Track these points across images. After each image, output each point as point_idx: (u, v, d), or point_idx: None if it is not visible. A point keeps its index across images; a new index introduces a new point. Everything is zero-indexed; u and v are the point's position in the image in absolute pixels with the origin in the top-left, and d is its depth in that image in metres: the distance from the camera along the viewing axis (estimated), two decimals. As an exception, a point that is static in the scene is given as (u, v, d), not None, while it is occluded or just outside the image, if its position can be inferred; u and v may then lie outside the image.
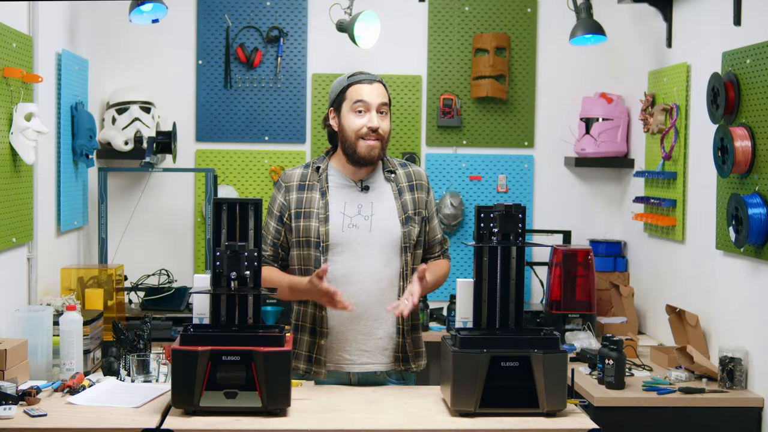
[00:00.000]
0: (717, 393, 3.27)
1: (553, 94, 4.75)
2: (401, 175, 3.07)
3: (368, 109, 2.96)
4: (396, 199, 3.02)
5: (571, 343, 3.89)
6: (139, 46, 4.60)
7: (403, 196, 3.03)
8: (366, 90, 2.97)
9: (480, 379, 2.59)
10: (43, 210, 3.65)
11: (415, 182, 3.07)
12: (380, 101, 2.97)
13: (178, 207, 4.66)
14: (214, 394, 2.53)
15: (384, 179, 3.04)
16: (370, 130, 2.95)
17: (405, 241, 2.98)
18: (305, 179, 3.02)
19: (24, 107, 3.21)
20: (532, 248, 4.67)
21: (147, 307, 4.24)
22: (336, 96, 3.01)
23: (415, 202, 3.04)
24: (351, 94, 2.98)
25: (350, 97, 2.97)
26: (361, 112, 2.96)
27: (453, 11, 4.69)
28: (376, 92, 2.97)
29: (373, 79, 3.00)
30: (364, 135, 2.95)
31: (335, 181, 3.02)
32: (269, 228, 3.01)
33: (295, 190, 3.00)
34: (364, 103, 2.95)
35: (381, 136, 2.97)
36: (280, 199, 3.01)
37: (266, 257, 2.99)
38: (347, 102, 2.98)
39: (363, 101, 2.95)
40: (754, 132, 3.23)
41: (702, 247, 3.72)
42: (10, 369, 2.81)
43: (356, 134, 2.95)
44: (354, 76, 3.01)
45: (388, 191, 3.03)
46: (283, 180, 3.04)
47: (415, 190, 3.06)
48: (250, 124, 4.66)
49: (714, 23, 3.66)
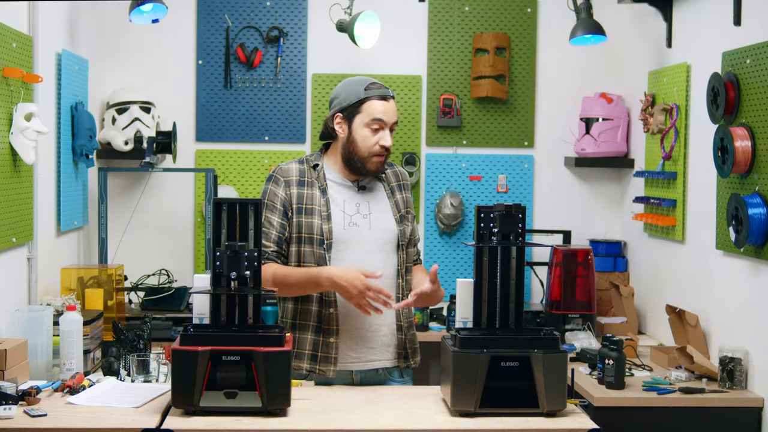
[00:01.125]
0: (717, 393, 3.27)
1: (553, 94, 4.75)
2: (390, 175, 3.11)
3: (383, 128, 2.96)
4: (389, 199, 3.06)
5: (571, 343, 3.89)
6: (139, 46, 4.60)
7: (395, 196, 3.08)
8: (384, 108, 2.96)
9: (480, 379, 2.59)
10: (43, 210, 3.65)
11: (402, 182, 3.13)
12: (394, 120, 2.99)
13: (178, 207, 4.66)
14: (214, 394, 2.53)
15: (377, 179, 3.07)
16: (383, 149, 2.96)
17: (401, 238, 3.02)
18: (303, 175, 3.01)
19: (24, 107, 3.21)
20: (532, 248, 4.67)
21: (147, 307, 4.24)
22: (349, 105, 2.97)
23: (404, 201, 3.10)
24: (368, 109, 2.95)
25: (366, 113, 2.95)
26: (377, 130, 2.96)
27: (453, 11, 4.69)
28: (392, 111, 2.98)
29: (388, 95, 2.99)
30: (377, 153, 2.96)
31: (332, 179, 3.03)
32: (272, 223, 2.96)
33: (295, 184, 2.99)
34: (381, 122, 2.95)
35: (389, 153, 3.01)
36: (282, 194, 2.98)
37: (270, 254, 2.95)
38: (362, 116, 2.96)
39: (381, 120, 2.95)
40: (754, 132, 3.23)
41: (702, 247, 3.72)
42: (10, 369, 2.81)
43: (369, 151, 2.96)
44: (370, 90, 2.97)
45: (381, 191, 3.07)
46: (280, 174, 3.00)
47: (403, 189, 3.12)
48: (250, 124, 4.66)
49: (714, 23, 3.66)
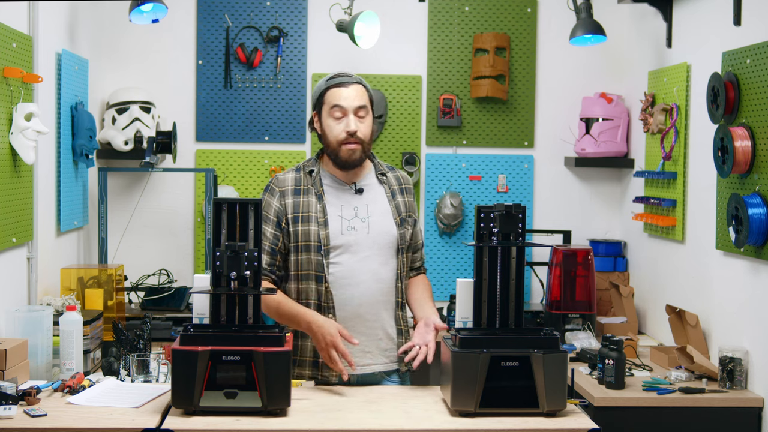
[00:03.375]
0: (717, 393, 3.27)
1: (553, 94, 4.75)
2: (392, 178, 3.09)
3: (345, 114, 2.93)
4: (390, 202, 3.03)
5: (571, 343, 3.89)
6: (139, 46, 4.60)
7: (395, 199, 3.05)
8: (343, 94, 2.93)
9: (480, 379, 2.59)
10: (43, 210, 3.65)
11: (404, 186, 3.10)
12: (357, 104, 2.94)
13: (178, 207, 4.66)
14: (214, 394, 2.53)
15: (378, 181, 3.05)
16: (349, 135, 2.93)
17: (401, 242, 3.00)
18: (299, 183, 2.99)
19: (24, 107, 3.21)
20: (532, 248, 4.67)
21: (147, 307, 4.24)
22: (316, 99, 2.99)
23: (405, 205, 3.06)
24: (329, 98, 2.95)
25: (328, 102, 2.95)
26: (339, 118, 2.94)
27: (453, 11, 4.69)
28: (353, 95, 2.94)
29: (350, 81, 2.95)
30: (343, 140, 2.94)
31: (329, 184, 3.01)
32: (266, 234, 2.94)
33: (291, 194, 2.97)
34: (340, 108, 2.93)
35: (360, 140, 2.95)
36: (276, 204, 2.97)
37: (264, 268, 2.92)
38: (326, 106, 2.96)
39: (339, 106, 2.93)
40: (754, 132, 3.23)
41: (702, 247, 3.72)
42: (10, 369, 2.81)
43: (336, 140, 2.94)
44: (332, 79, 2.97)
45: (381, 194, 3.04)
46: (276, 185, 2.99)
47: (405, 193, 3.09)
48: (250, 124, 4.66)
49: (714, 23, 3.66)
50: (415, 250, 3.12)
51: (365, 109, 2.96)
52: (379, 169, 3.07)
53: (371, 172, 3.06)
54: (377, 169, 3.07)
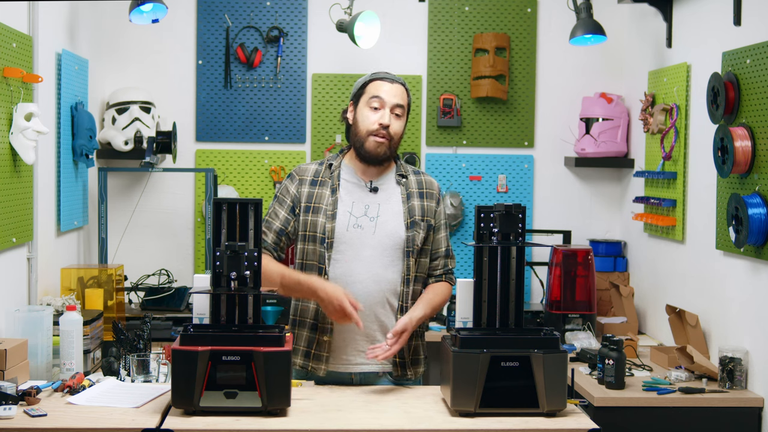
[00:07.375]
0: (717, 393, 3.27)
1: (553, 94, 4.75)
2: (413, 181, 3.06)
3: (383, 106, 2.97)
4: (404, 203, 3.01)
5: (571, 343, 3.89)
6: (139, 46, 4.60)
7: (411, 201, 3.02)
8: (385, 88, 2.99)
9: (480, 379, 2.59)
10: (43, 210, 3.65)
11: (425, 190, 3.07)
12: (396, 102, 2.98)
13: (178, 207, 4.66)
14: (214, 394, 2.53)
15: (395, 182, 3.04)
16: (381, 127, 2.95)
17: (408, 245, 2.97)
18: (318, 175, 3.03)
19: (24, 107, 3.21)
20: (532, 248, 4.67)
21: (147, 307, 4.24)
22: (357, 90, 3.04)
23: (423, 209, 3.02)
24: (370, 88, 3.00)
25: (369, 92, 3.00)
26: (376, 109, 2.97)
27: (453, 11, 4.69)
28: (394, 92, 2.99)
29: (395, 79, 3.02)
30: (374, 131, 2.96)
31: (346, 179, 3.02)
32: (278, 215, 2.99)
33: (308, 184, 3.01)
34: (380, 100, 2.97)
35: (390, 136, 2.97)
36: (293, 190, 3.01)
37: (266, 243, 2.96)
38: (365, 96, 3.00)
39: (379, 98, 2.97)
40: (754, 132, 3.23)
41: (702, 247, 3.72)
42: (10, 369, 2.81)
43: (367, 129, 2.97)
44: (377, 73, 3.03)
45: (396, 194, 3.02)
46: (297, 172, 3.05)
47: (425, 197, 3.05)
48: (250, 124, 4.66)
49: (714, 23, 3.66)
50: (434, 258, 3.06)
51: (402, 108, 3.01)
52: (400, 171, 3.06)
53: (391, 172, 3.06)
54: (398, 170, 3.06)
